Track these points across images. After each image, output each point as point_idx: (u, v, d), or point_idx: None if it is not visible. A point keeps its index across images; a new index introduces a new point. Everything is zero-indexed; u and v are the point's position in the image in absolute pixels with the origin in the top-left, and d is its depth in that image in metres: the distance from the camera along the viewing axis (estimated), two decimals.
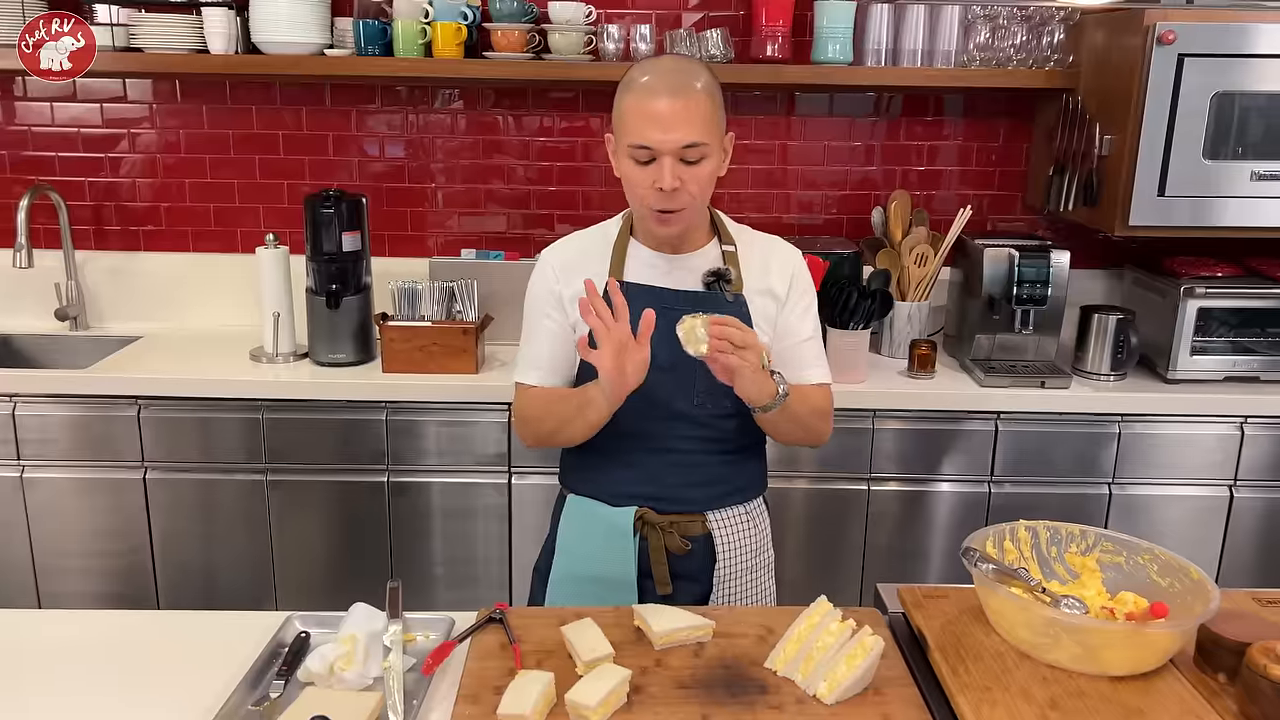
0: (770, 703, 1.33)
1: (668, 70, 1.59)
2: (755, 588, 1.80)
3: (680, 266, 1.69)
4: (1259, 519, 2.72)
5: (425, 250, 3.14)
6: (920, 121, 3.09)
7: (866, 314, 2.67)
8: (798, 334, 1.74)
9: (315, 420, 2.65)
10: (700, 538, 1.73)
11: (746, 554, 1.76)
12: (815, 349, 1.77)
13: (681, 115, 1.53)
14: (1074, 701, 1.27)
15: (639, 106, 1.55)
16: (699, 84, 1.57)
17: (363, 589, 2.73)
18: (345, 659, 1.38)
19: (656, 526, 1.70)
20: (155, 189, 3.10)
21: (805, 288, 1.76)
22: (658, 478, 1.70)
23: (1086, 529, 1.53)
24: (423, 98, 3.06)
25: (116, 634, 1.53)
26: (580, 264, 1.70)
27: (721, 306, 1.64)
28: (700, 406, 1.68)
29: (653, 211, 1.59)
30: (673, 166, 1.54)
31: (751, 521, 1.78)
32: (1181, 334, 2.70)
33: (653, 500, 1.71)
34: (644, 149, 1.55)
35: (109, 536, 2.71)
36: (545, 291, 1.72)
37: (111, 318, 3.14)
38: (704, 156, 1.56)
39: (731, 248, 1.71)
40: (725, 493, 1.73)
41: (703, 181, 1.58)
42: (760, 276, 1.71)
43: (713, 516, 1.73)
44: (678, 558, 1.71)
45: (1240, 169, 2.55)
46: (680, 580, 1.73)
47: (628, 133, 1.57)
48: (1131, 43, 2.53)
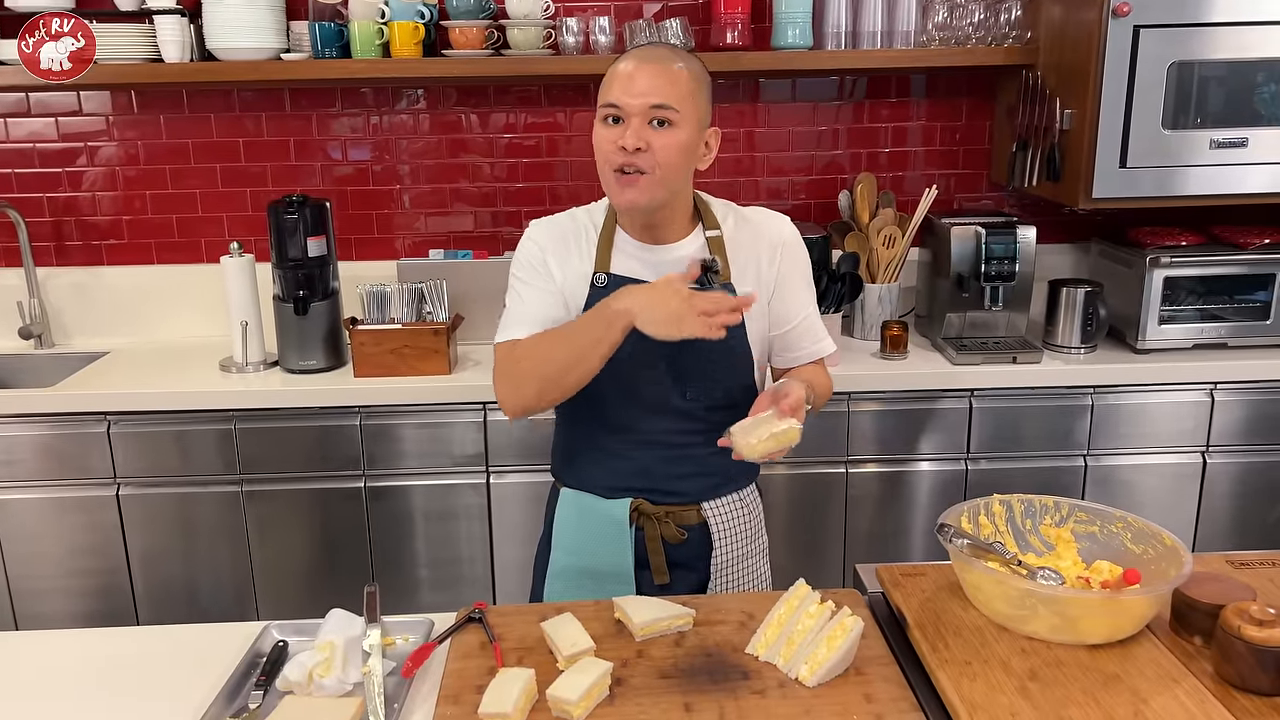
0: (753, 688, 1.33)
1: (653, 47, 1.61)
2: (751, 573, 1.81)
3: (665, 259, 1.65)
4: (1232, 483, 2.75)
5: (393, 252, 3.12)
6: (883, 103, 3.10)
7: (837, 297, 2.68)
8: (802, 309, 1.72)
9: (289, 429, 2.62)
10: (696, 526, 1.72)
11: (742, 540, 1.77)
12: (814, 321, 1.75)
13: (651, 77, 1.53)
14: (1053, 671, 1.27)
15: (615, 71, 1.56)
16: (679, 60, 1.57)
17: (344, 596, 2.71)
18: (324, 666, 1.37)
19: (652, 517, 1.70)
20: (116, 202, 3.07)
21: (802, 263, 1.73)
22: (651, 470, 1.70)
23: (1060, 500, 1.54)
24: (384, 99, 3.03)
25: (92, 652, 1.51)
26: (565, 246, 1.67)
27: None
28: (692, 400, 1.67)
29: (615, 174, 1.55)
30: (639, 127, 1.52)
31: (745, 508, 1.78)
32: (1149, 304, 2.73)
33: (647, 492, 1.70)
34: (612, 106, 1.54)
35: (84, 555, 2.68)
36: (536, 259, 1.67)
37: (77, 334, 3.11)
38: (672, 123, 1.53)
39: (717, 232, 1.67)
40: (719, 483, 1.73)
41: (670, 150, 1.53)
42: (749, 259, 1.68)
43: (708, 505, 1.73)
44: (674, 547, 1.71)
45: (1200, 138, 2.57)
46: (678, 569, 1.73)
47: (601, 97, 1.57)
48: (1088, 16, 2.54)
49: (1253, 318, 2.75)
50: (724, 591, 1.75)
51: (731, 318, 1.47)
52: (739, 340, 1.66)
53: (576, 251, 1.67)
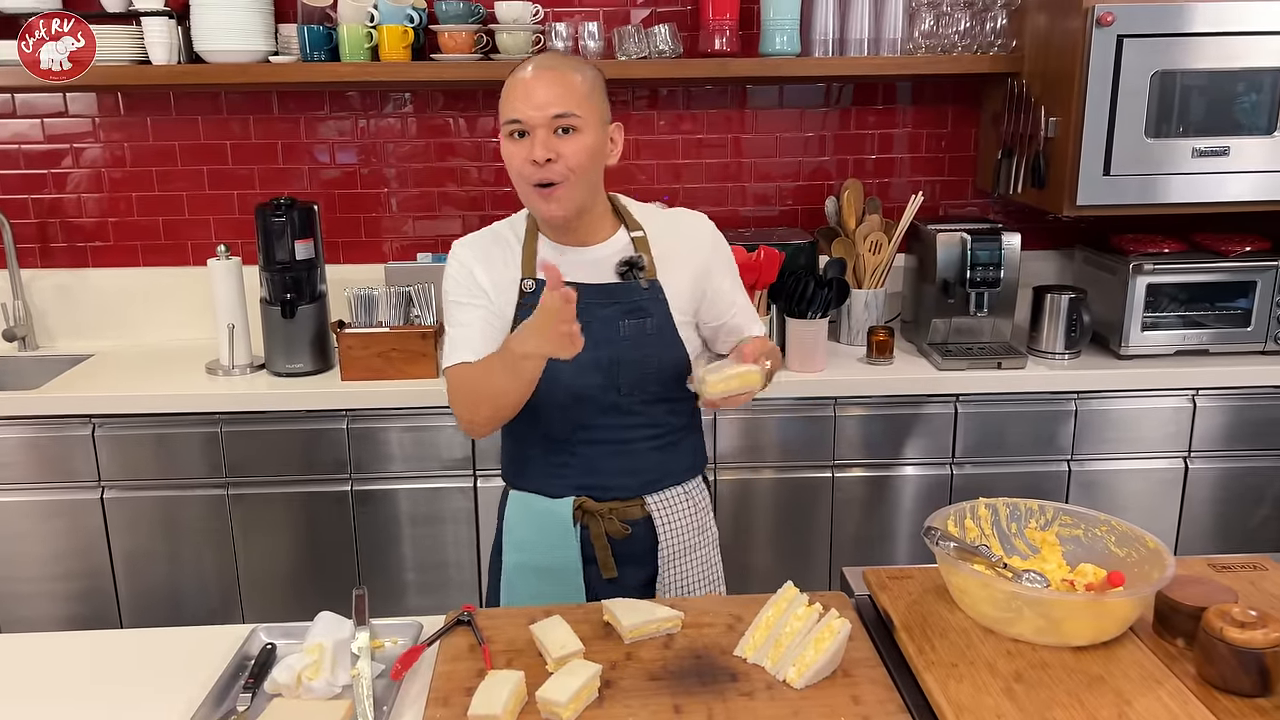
0: (741, 689, 1.34)
1: (544, 56, 1.65)
2: (702, 565, 1.82)
3: (588, 259, 1.68)
4: (1213, 488, 2.78)
5: (380, 256, 3.12)
6: (870, 110, 3.12)
7: (824, 303, 2.69)
8: (733, 301, 1.77)
9: (275, 432, 2.62)
10: (640, 521, 1.74)
11: (689, 532, 1.78)
12: (748, 306, 1.81)
13: (549, 86, 1.56)
14: (1038, 673, 1.29)
15: (512, 85, 1.59)
16: (572, 67, 1.61)
17: (331, 601, 2.69)
18: (313, 668, 1.37)
19: (596, 514, 1.72)
20: (101, 204, 3.06)
21: (724, 253, 1.79)
22: (594, 468, 1.72)
23: (1045, 504, 1.55)
24: (372, 103, 3.03)
25: (78, 655, 1.51)
26: (490, 258, 1.71)
27: (636, 294, 1.66)
28: (628, 396, 1.69)
29: (533, 189, 1.59)
30: (545, 138, 1.55)
31: (691, 500, 1.79)
32: (1132, 310, 2.75)
33: (591, 490, 1.72)
34: (516, 122, 1.57)
35: (68, 559, 2.66)
36: (465, 277, 1.71)
37: (61, 336, 3.09)
38: (577, 129, 1.57)
39: (641, 233, 1.71)
40: (661, 476, 1.75)
41: (580, 155, 1.57)
42: (674, 256, 1.71)
43: (651, 499, 1.75)
44: (620, 542, 1.73)
45: (1182, 146, 2.59)
46: (626, 565, 1.75)
47: (503, 113, 1.60)
48: (1072, 25, 2.57)
49: (1234, 324, 2.78)
50: (674, 584, 1.77)
51: (570, 326, 1.42)
52: (669, 335, 1.69)
53: (502, 261, 1.70)
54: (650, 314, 1.67)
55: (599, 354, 1.62)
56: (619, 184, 3.08)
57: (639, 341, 1.65)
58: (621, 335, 1.65)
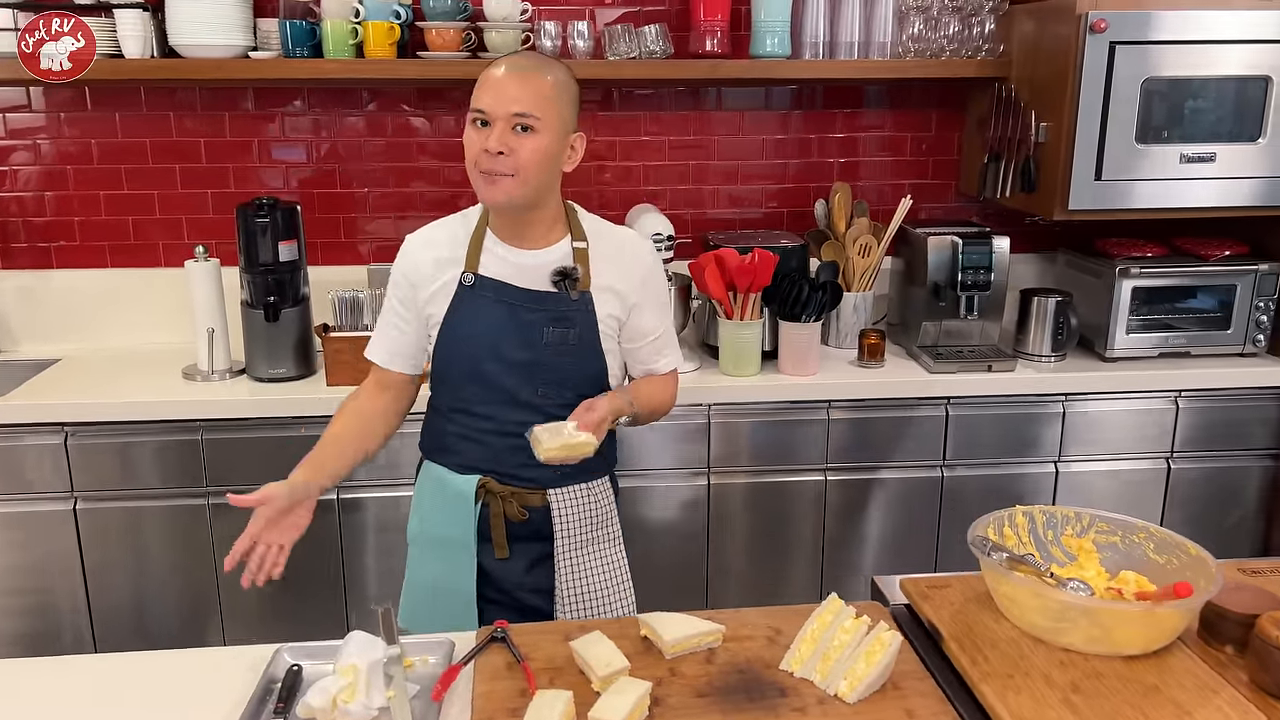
0: (792, 705, 1.31)
1: (522, 55, 1.71)
2: (601, 557, 1.86)
3: (531, 264, 1.73)
4: (1195, 489, 2.83)
5: (359, 257, 3.04)
6: (857, 113, 3.12)
7: (818, 306, 2.68)
8: (649, 333, 1.83)
9: (257, 439, 2.53)
10: (540, 508, 1.79)
11: (588, 527, 1.83)
12: (665, 339, 1.87)
13: (517, 85, 1.60)
14: (1093, 683, 1.28)
15: (485, 77, 1.64)
16: (545, 69, 1.65)
17: (316, 615, 2.64)
18: (348, 691, 1.31)
19: (497, 495, 1.78)
20: (66, 203, 2.93)
21: (657, 287, 1.84)
22: (501, 458, 1.77)
23: (1080, 511, 1.55)
24: (353, 100, 2.95)
25: (92, 680, 1.43)
26: (438, 250, 1.77)
27: (565, 304, 1.72)
28: (543, 397, 1.74)
29: (480, 174, 1.63)
30: (503, 132, 1.60)
31: (593, 497, 1.84)
32: (1117, 313, 2.79)
33: (496, 474, 1.78)
34: (480, 111, 1.62)
35: (35, 574, 2.55)
36: (401, 277, 1.79)
37: (25, 340, 2.96)
38: (534, 129, 1.61)
39: (583, 244, 1.75)
40: (566, 473, 1.77)
41: (532, 155, 1.61)
42: (610, 274, 1.76)
43: (553, 492, 1.79)
44: (517, 525, 1.79)
45: (1170, 152, 2.63)
46: (520, 542, 1.80)
47: (472, 101, 1.64)
48: (1064, 31, 2.59)
49: (1214, 327, 2.83)
50: (573, 573, 1.81)
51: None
52: (592, 347, 1.75)
53: (449, 252, 1.76)
54: (575, 325, 1.73)
55: (520, 355, 1.71)
56: (605, 186, 3.05)
57: (560, 350, 1.72)
58: (544, 341, 1.72)
